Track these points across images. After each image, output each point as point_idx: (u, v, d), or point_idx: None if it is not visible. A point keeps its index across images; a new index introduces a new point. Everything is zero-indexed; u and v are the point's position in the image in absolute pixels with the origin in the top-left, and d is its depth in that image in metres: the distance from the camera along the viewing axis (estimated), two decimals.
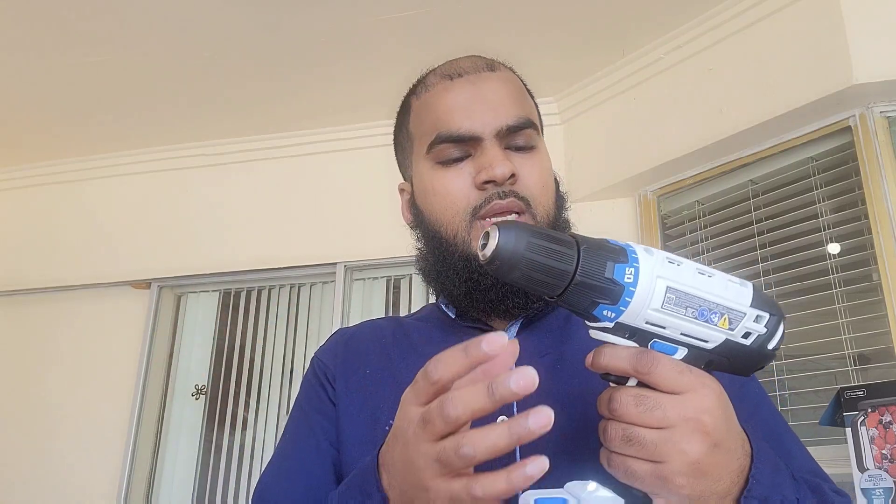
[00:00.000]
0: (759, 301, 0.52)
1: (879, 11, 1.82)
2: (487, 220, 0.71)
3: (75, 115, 2.74)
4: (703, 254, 2.21)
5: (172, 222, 2.91)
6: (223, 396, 2.72)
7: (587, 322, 0.52)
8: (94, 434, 2.74)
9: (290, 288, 2.79)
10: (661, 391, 0.50)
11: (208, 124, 2.81)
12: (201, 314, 2.90)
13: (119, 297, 2.88)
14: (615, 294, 0.48)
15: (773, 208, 2.07)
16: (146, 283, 2.85)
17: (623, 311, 0.48)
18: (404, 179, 0.84)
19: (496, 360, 0.45)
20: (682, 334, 0.50)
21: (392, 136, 0.87)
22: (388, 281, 2.69)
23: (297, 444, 0.76)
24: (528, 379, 0.43)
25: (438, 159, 0.74)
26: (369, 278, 2.71)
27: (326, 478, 0.72)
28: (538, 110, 0.84)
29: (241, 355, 2.76)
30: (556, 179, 0.80)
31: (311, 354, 2.74)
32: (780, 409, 1.90)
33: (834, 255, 1.92)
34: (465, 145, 0.73)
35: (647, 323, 0.49)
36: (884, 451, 1.49)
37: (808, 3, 1.93)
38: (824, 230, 1.94)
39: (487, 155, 0.72)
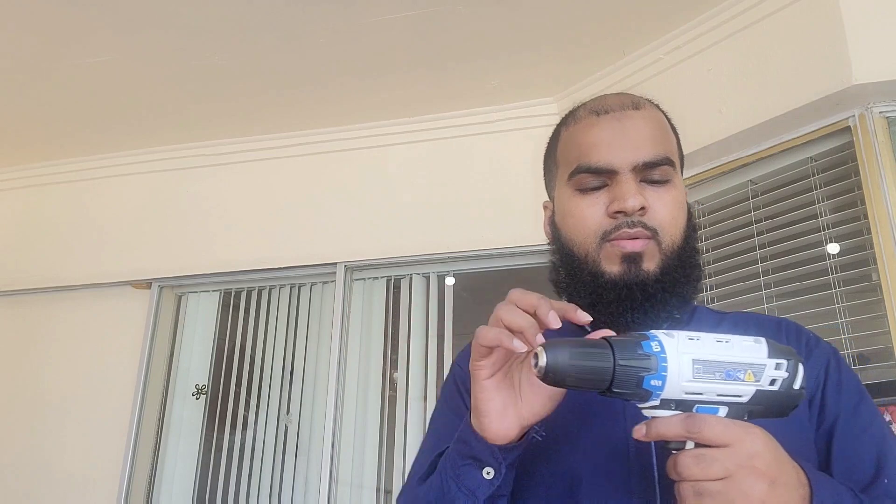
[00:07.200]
0: (774, 351, 0.59)
1: (879, 11, 1.82)
2: (614, 242, 0.77)
3: (75, 115, 2.74)
4: (702, 254, 2.21)
5: (172, 222, 2.92)
6: (223, 396, 2.72)
7: (638, 404, 0.60)
8: (94, 434, 2.74)
9: (290, 288, 2.79)
10: (715, 446, 0.57)
11: (208, 124, 2.81)
12: (201, 314, 2.90)
13: (119, 297, 2.89)
14: (652, 363, 0.57)
15: (773, 208, 2.06)
16: (146, 283, 2.86)
17: (665, 378, 0.57)
18: (549, 199, 0.91)
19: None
20: (718, 395, 0.58)
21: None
22: (388, 281, 2.69)
23: (433, 447, 0.80)
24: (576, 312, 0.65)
25: (578, 187, 0.81)
26: (369, 278, 2.71)
27: None
28: (679, 144, 0.88)
29: (241, 355, 2.76)
30: (689, 211, 0.85)
31: (311, 354, 2.76)
32: None
33: (833, 255, 1.91)
34: (602, 176, 0.79)
35: (686, 393, 0.58)
36: None
37: (808, 4, 1.93)
38: (824, 230, 1.94)
39: (622, 187, 0.77)
